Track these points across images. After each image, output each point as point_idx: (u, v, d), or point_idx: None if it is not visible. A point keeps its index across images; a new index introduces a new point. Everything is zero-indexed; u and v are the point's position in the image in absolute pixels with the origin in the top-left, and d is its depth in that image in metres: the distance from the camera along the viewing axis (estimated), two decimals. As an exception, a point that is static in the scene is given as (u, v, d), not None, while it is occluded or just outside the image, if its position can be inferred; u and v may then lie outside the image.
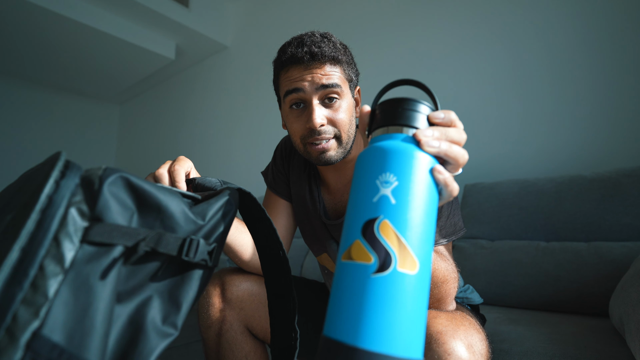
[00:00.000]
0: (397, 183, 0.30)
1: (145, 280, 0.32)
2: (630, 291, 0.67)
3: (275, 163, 0.86)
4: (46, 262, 0.26)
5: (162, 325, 0.31)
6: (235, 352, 0.70)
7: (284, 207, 0.83)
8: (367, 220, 0.29)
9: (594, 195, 1.09)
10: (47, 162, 0.30)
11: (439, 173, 0.31)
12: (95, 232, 0.28)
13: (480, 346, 0.49)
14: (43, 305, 0.25)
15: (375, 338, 0.26)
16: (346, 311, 0.27)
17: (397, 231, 0.28)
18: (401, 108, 0.34)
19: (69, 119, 3.82)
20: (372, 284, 0.27)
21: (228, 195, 0.37)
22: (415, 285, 0.27)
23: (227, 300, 0.71)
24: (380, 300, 0.26)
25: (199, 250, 0.33)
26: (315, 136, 0.65)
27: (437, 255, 0.56)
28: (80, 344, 0.26)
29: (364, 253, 0.28)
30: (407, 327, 0.26)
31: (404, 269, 0.27)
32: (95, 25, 2.48)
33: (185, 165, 0.55)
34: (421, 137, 0.32)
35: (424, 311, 0.28)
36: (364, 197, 0.30)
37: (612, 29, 1.28)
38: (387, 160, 0.31)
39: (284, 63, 0.66)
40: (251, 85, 2.67)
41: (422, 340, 0.28)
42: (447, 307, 0.59)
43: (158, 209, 0.32)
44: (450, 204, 0.66)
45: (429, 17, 1.77)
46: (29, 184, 0.31)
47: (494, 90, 1.53)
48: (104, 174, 0.29)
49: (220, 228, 0.35)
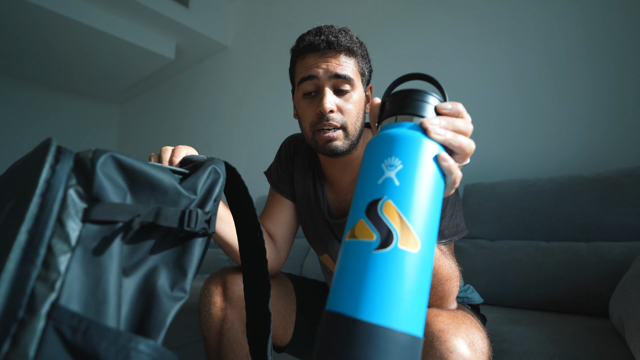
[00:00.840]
0: (401, 166, 0.30)
1: (147, 254, 0.34)
2: (630, 291, 0.67)
3: (279, 162, 0.86)
4: (54, 242, 0.28)
5: (171, 292, 0.33)
6: (236, 351, 0.70)
7: (287, 207, 0.84)
8: (372, 200, 0.30)
9: (594, 195, 1.09)
10: (37, 150, 0.31)
11: (443, 160, 0.31)
12: (96, 211, 0.30)
13: (482, 344, 0.50)
14: (57, 280, 0.27)
15: (374, 310, 0.26)
16: (348, 285, 0.28)
17: (399, 211, 0.29)
18: (409, 98, 0.35)
19: (69, 119, 3.83)
20: (373, 260, 0.28)
21: (212, 164, 0.39)
22: (416, 264, 0.28)
23: (228, 299, 0.71)
24: (380, 275, 0.27)
25: (199, 220, 0.35)
26: (324, 122, 0.66)
27: (442, 253, 0.57)
28: (96, 312, 0.28)
29: (366, 231, 0.29)
30: (406, 303, 0.27)
31: (406, 247, 0.28)
32: (95, 25, 2.48)
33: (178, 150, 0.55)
34: (428, 125, 0.32)
35: (425, 290, 0.28)
36: (369, 179, 0.31)
37: (611, 28, 1.28)
38: (393, 145, 0.32)
39: (301, 50, 0.69)
40: (251, 85, 2.67)
41: (422, 318, 0.28)
42: (449, 305, 0.60)
43: (151, 187, 0.33)
44: (453, 205, 0.67)
45: (429, 16, 1.77)
46: (22, 174, 0.32)
47: (494, 90, 1.53)
48: (94, 157, 0.30)
49: (212, 196, 0.37)
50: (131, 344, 0.28)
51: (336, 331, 0.27)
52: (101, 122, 4.08)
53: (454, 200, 0.68)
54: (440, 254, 0.56)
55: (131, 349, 0.28)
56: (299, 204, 0.83)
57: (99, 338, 0.27)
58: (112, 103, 4.16)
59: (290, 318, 0.78)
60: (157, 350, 0.29)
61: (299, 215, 0.84)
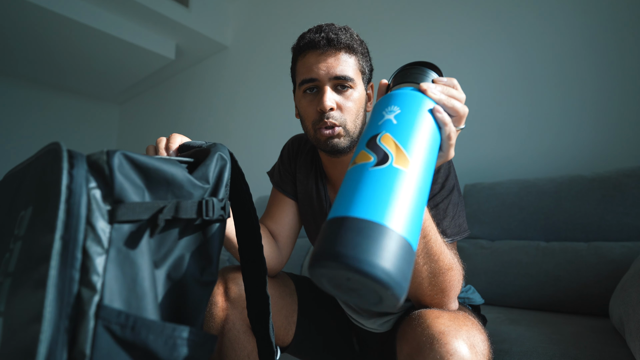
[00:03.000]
0: (399, 111, 0.35)
1: (173, 245, 0.35)
2: (630, 291, 0.67)
3: (282, 162, 0.87)
4: (87, 245, 0.29)
5: (201, 277, 0.36)
6: (237, 351, 0.70)
7: (289, 206, 0.84)
8: (372, 136, 0.34)
9: (594, 195, 1.09)
10: (45, 154, 0.31)
11: (437, 111, 0.36)
12: (121, 212, 0.31)
13: (483, 346, 0.49)
14: (97, 281, 0.29)
15: (375, 211, 0.27)
16: (345, 196, 0.30)
17: (395, 140, 0.32)
18: (411, 72, 0.41)
19: (69, 118, 3.82)
20: (369, 174, 0.30)
21: (218, 150, 0.40)
22: (410, 179, 0.31)
23: (230, 299, 0.71)
24: (378, 184, 0.29)
25: (215, 208, 0.37)
26: (324, 119, 0.67)
27: (445, 245, 0.57)
28: (138, 307, 0.30)
29: (365, 156, 0.32)
30: (399, 208, 0.28)
31: (399, 165, 0.31)
32: (95, 25, 2.48)
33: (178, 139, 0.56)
34: (425, 87, 0.38)
35: (418, 204, 0.30)
36: (371, 124, 0.36)
37: (613, 29, 1.28)
38: (394, 98, 0.37)
39: (301, 48, 0.70)
40: (251, 86, 2.67)
41: (416, 230, 0.29)
42: (450, 302, 0.59)
43: (167, 182, 0.35)
44: (455, 206, 0.67)
45: (432, 16, 1.77)
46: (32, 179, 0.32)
47: (495, 90, 1.53)
48: (109, 159, 0.31)
49: (223, 182, 0.39)
50: (176, 333, 0.30)
51: (330, 230, 0.28)
52: (101, 122, 4.08)
53: (456, 201, 0.68)
54: (443, 243, 0.55)
55: (177, 337, 0.30)
56: (301, 204, 0.83)
57: (147, 331, 0.29)
58: (112, 103, 4.16)
59: (291, 318, 0.78)
60: (198, 335, 0.31)
61: (301, 214, 0.84)
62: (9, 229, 0.32)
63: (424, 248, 0.53)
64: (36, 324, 0.25)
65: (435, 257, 0.54)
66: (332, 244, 0.26)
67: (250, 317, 0.48)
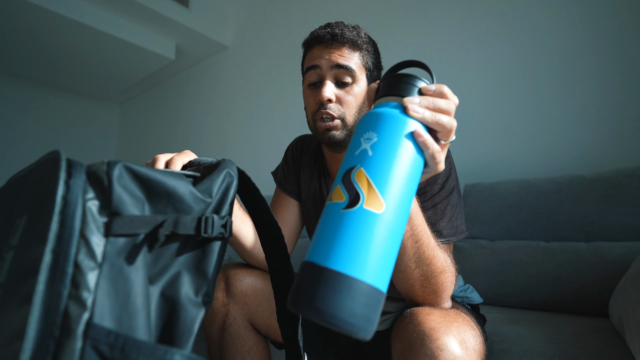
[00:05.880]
0: (376, 139, 0.34)
1: (171, 261, 0.34)
2: (630, 291, 0.67)
3: (286, 162, 0.87)
4: (80, 259, 0.28)
5: (196, 297, 0.34)
6: (238, 347, 0.71)
7: (292, 206, 0.84)
8: (348, 169, 0.34)
9: (594, 195, 1.09)
10: (43, 162, 0.31)
11: (418, 136, 0.34)
12: (117, 225, 0.30)
13: (474, 342, 0.49)
14: (88, 297, 0.27)
15: (340, 260, 0.29)
16: (320, 239, 0.31)
17: (368, 177, 0.32)
18: (397, 81, 0.39)
19: (69, 119, 3.82)
20: (341, 217, 0.31)
21: (226, 167, 0.39)
22: (380, 223, 0.31)
23: (231, 294, 0.71)
24: (345, 229, 0.30)
25: (215, 225, 0.35)
26: (322, 110, 0.69)
27: (438, 246, 0.57)
28: (129, 327, 0.28)
29: (339, 194, 0.33)
30: (370, 257, 0.30)
31: (370, 208, 0.31)
32: (95, 25, 2.48)
33: (185, 157, 0.55)
34: (407, 104, 0.36)
35: (390, 249, 0.31)
36: (349, 152, 0.35)
37: (612, 29, 1.28)
38: (373, 121, 0.35)
39: (309, 43, 0.73)
40: (251, 85, 2.67)
41: (386, 274, 0.31)
42: (443, 303, 0.59)
43: (167, 195, 0.34)
44: (454, 207, 0.67)
45: (434, 16, 1.77)
46: (29, 188, 0.31)
47: (495, 90, 1.53)
48: (109, 169, 0.30)
49: (228, 199, 0.38)
50: (167, 356, 0.29)
51: (306, 277, 0.30)
52: (101, 122, 4.08)
53: (455, 202, 0.68)
54: (436, 246, 0.56)
55: None
56: (304, 204, 0.83)
57: (137, 353, 0.27)
58: (112, 103, 4.16)
59: None
60: (190, 359, 0.30)
61: (304, 215, 0.84)
62: (5, 236, 0.31)
63: (415, 252, 0.53)
64: (18, 342, 0.24)
65: (428, 261, 0.54)
66: (310, 297, 0.29)
67: (280, 323, 0.49)
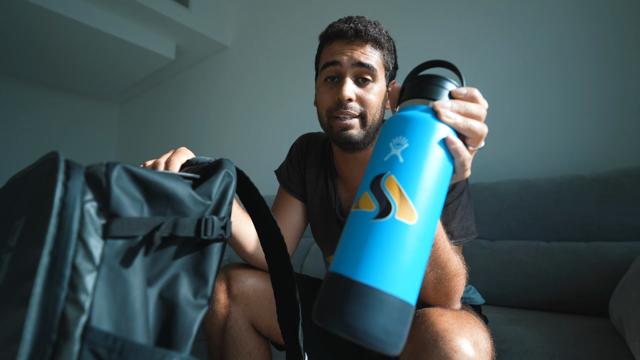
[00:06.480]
0: (407, 145, 0.32)
1: (169, 263, 0.34)
2: (630, 291, 0.67)
3: (290, 161, 0.85)
4: (78, 261, 0.27)
5: (194, 299, 0.34)
6: (239, 348, 0.70)
7: (295, 206, 0.83)
8: (376, 175, 0.32)
9: (594, 195, 1.09)
10: (42, 163, 0.31)
11: (450, 143, 0.33)
12: (115, 227, 0.29)
13: (486, 344, 0.50)
14: (86, 300, 0.27)
15: (370, 273, 0.28)
16: (349, 250, 0.30)
17: (400, 185, 0.31)
18: (426, 83, 0.36)
19: (69, 119, 3.82)
20: (371, 228, 0.30)
21: (225, 167, 0.39)
22: (411, 234, 0.30)
23: (232, 296, 0.71)
24: (377, 241, 0.29)
25: (215, 227, 0.35)
26: (341, 109, 0.66)
27: (453, 250, 0.57)
28: (127, 330, 0.28)
29: (368, 202, 0.31)
30: (400, 269, 0.29)
31: (402, 218, 0.30)
32: (95, 25, 2.48)
33: (182, 157, 0.55)
34: (439, 108, 0.33)
35: (420, 261, 0.30)
36: (377, 157, 0.34)
37: (612, 29, 1.28)
38: (403, 125, 0.33)
39: (329, 36, 0.70)
40: (251, 85, 2.67)
41: (415, 286, 0.30)
42: (454, 304, 0.59)
43: (167, 197, 0.33)
44: (464, 208, 0.67)
45: (435, 14, 1.77)
46: (28, 189, 0.31)
47: (495, 90, 1.53)
48: (108, 171, 0.30)
49: (227, 200, 0.38)
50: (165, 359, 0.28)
51: (335, 290, 0.29)
52: (101, 122, 4.08)
53: (465, 203, 0.67)
54: (451, 250, 0.55)
55: None
56: (310, 205, 0.82)
57: (135, 356, 0.27)
58: (112, 103, 4.16)
59: None
60: None
61: (309, 215, 0.83)
62: (3, 238, 0.31)
63: (431, 255, 0.52)
64: (14, 345, 0.23)
65: (442, 265, 0.54)
66: (340, 311, 0.28)
67: (280, 323, 0.49)
